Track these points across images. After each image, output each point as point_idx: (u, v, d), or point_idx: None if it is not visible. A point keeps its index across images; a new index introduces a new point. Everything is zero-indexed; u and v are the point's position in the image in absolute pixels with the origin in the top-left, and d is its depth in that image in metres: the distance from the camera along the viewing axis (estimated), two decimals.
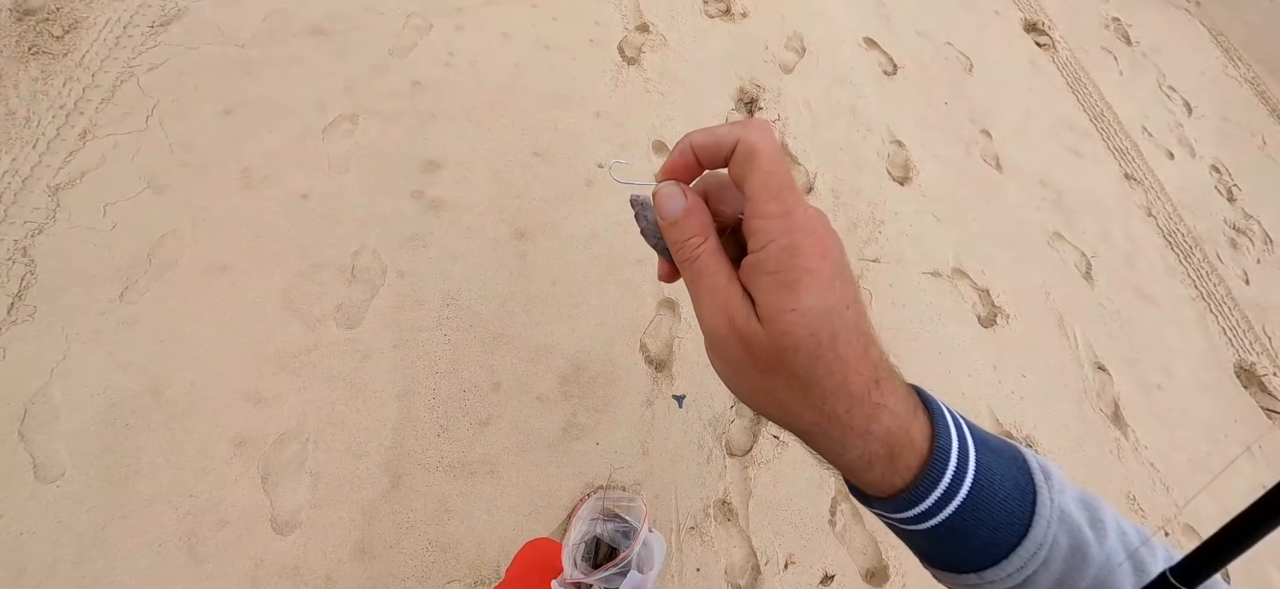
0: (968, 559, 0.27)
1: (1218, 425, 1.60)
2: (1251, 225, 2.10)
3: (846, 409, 0.25)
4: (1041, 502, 0.27)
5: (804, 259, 0.24)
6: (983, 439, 0.28)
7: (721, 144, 0.26)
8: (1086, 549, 0.27)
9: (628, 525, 0.91)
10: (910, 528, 0.28)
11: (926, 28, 2.18)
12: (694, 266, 0.27)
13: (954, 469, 0.26)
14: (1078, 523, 0.27)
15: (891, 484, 0.27)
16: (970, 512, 0.26)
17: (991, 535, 0.27)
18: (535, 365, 1.21)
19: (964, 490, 0.26)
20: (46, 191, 1.17)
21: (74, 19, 1.39)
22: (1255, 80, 2.64)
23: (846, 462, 0.27)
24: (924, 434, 0.27)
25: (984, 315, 1.57)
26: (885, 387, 0.26)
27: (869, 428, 0.26)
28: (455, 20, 1.62)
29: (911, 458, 0.27)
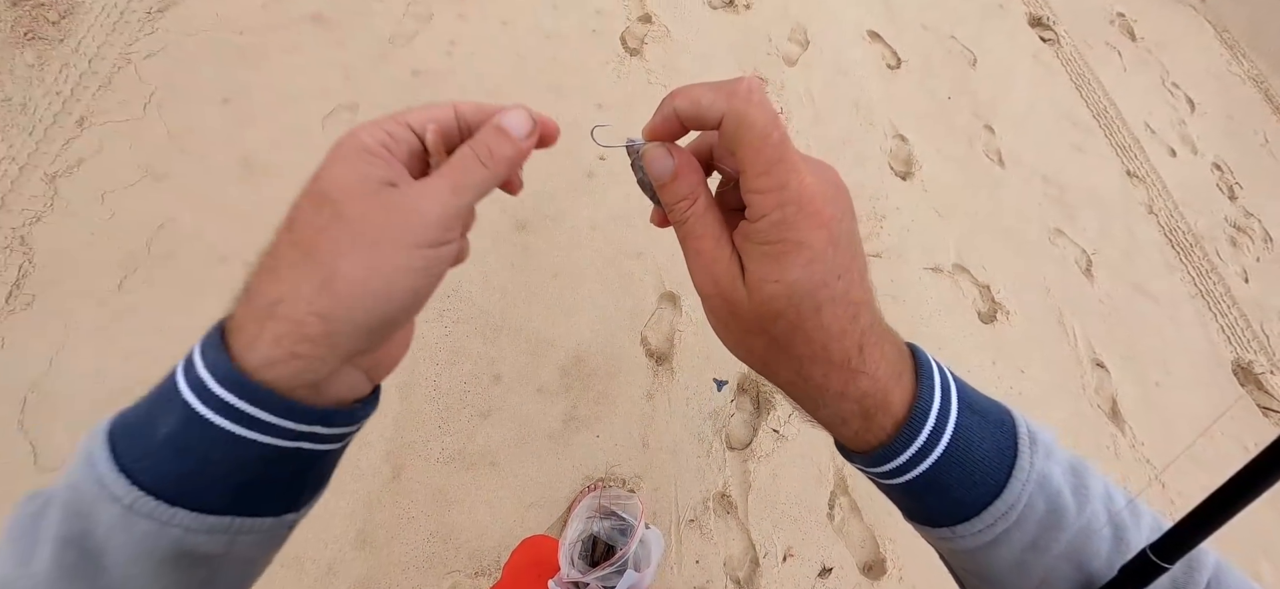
0: (941, 514, 0.28)
1: (1216, 423, 1.61)
2: (1252, 224, 2.10)
3: (823, 374, 0.26)
4: (1019, 465, 0.27)
5: (794, 232, 0.24)
6: (970, 402, 0.28)
7: (705, 112, 0.26)
8: (1063, 514, 0.27)
9: (625, 523, 0.91)
10: (885, 482, 0.28)
11: (931, 21, 2.17)
12: (683, 228, 0.27)
13: (929, 431, 0.27)
14: (1058, 488, 0.28)
15: (865, 442, 0.27)
16: (943, 471, 0.27)
17: (964, 494, 0.27)
18: (536, 358, 1.21)
19: (938, 451, 0.27)
20: (44, 179, 1.16)
21: (70, 4, 1.37)
22: (1259, 78, 2.63)
23: (822, 417, 0.28)
24: (905, 398, 0.27)
25: (984, 311, 1.57)
26: (869, 354, 0.26)
27: (845, 391, 0.26)
28: (457, 8, 1.61)
29: (886, 420, 0.27)
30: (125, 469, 0.22)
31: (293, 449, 0.24)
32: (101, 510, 0.22)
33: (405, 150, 0.26)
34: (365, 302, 0.23)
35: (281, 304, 0.23)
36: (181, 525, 0.22)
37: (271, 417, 0.22)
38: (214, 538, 0.23)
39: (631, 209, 1.42)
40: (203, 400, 0.22)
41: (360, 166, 0.24)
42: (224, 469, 0.23)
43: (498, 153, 0.26)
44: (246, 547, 0.24)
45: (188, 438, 0.22)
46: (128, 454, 0.22)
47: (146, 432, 0.23)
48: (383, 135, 0.25)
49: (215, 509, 0.23)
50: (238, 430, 0.22)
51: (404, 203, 0.24)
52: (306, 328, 0.22)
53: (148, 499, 0.22)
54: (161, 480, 0.22)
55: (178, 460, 0.22)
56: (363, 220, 0.23)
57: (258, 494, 0.24)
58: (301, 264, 0.23)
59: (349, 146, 0.24)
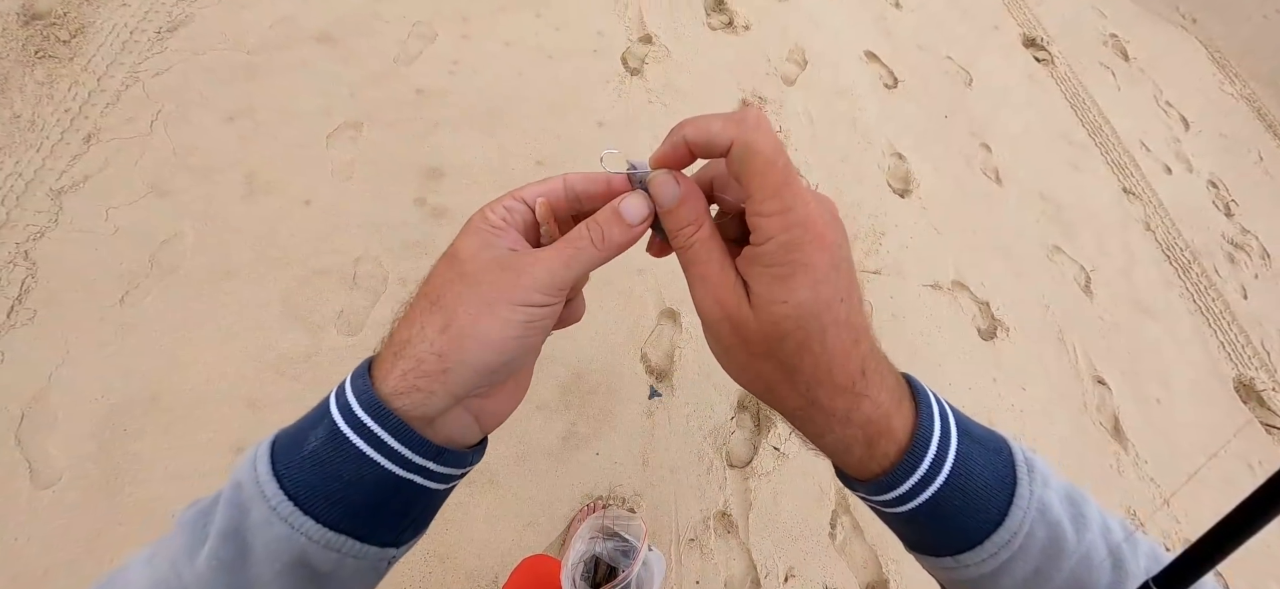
0: (944, 543, 0.28)
1: (1218, 441, 1.60)
2: (1249, 240, 2.12)
3: (829, 397, 0.27)
4: (1019, 493, 0.28)
5: (799, 254, 0.25)
6: (967, 429, 0.29)
7: (715, 140, 0.27)
8: (1063, 542, 0.27)
9: (627, 544, 0.90)
10: (888, 511, 0.29)
11: (927, 42, 2.20)
12: (688, 254, 0.28)
13: (932, 458, 0.27)
14: (1058, 517, 0.28)
15: (868, 469, 0.28)
16: (946, 499, 0.27)
17: (967, 522, 0.27)
18: (536, 374, 1.20)
19: (940, 478, 0.27)
20: (49, 195, 1.17)
21: (81, 23, 1.40)
22: (1252, 97, 2.66)
23: (826, 444, 0.28)
24: (906, 425, 0.28)
25: (984, 328, 1.58)
26: (871, 378, 0.27)
27: (850, 416, 0.27)
28: (460, 29, 1.63)
29: (889, 446, 0.28)
30: (278, 475, 0.25)
31: (406, 480, 0.27)
32: (254, 507, 0.25)
33: (522, 221, 0.29)
34: (475, 346, 0.26)
35: (409, 344, 0.27)
36: (306, 534, 0.25)
37: (394, 441, 0.26)
38: (328, 554, 0.26)
39: None
40: (346, 420, 0.26)
41: (485, 236, 0.28)
42: (349, 485, 0.25)
43: (610, 238, 0.28)
44: (350, 573, 0.27)
45: (329, 453, 0.25)
46: (282, 461, 0.26)
47: (299, 444, 0.26)
48: (503, 210, 0.29)
49: (333, 525, 0.25)
50: (366, 450, 0.25)
51: (517, 266, 0.27)
52: (426, 364, 0.26)
53: (287, 503, 0.25)
54: (301, 488, 0.25)
55: (315, 472, 0.25)
56: (479, 278, 0.27)
57: (370, 519, 0.27)
58: (429, 311, 0.27)
59: (477, 221, 0.29)
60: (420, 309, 0.27)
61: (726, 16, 1.96)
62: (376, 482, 0.26)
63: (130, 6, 1.44)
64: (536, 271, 0.27)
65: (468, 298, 0.26)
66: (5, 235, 1.12)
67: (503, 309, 0.26)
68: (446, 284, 0.27)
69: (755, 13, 1.99)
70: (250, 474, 0.26)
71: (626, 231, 0.28)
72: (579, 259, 0.28)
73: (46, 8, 1.40)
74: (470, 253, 0.27)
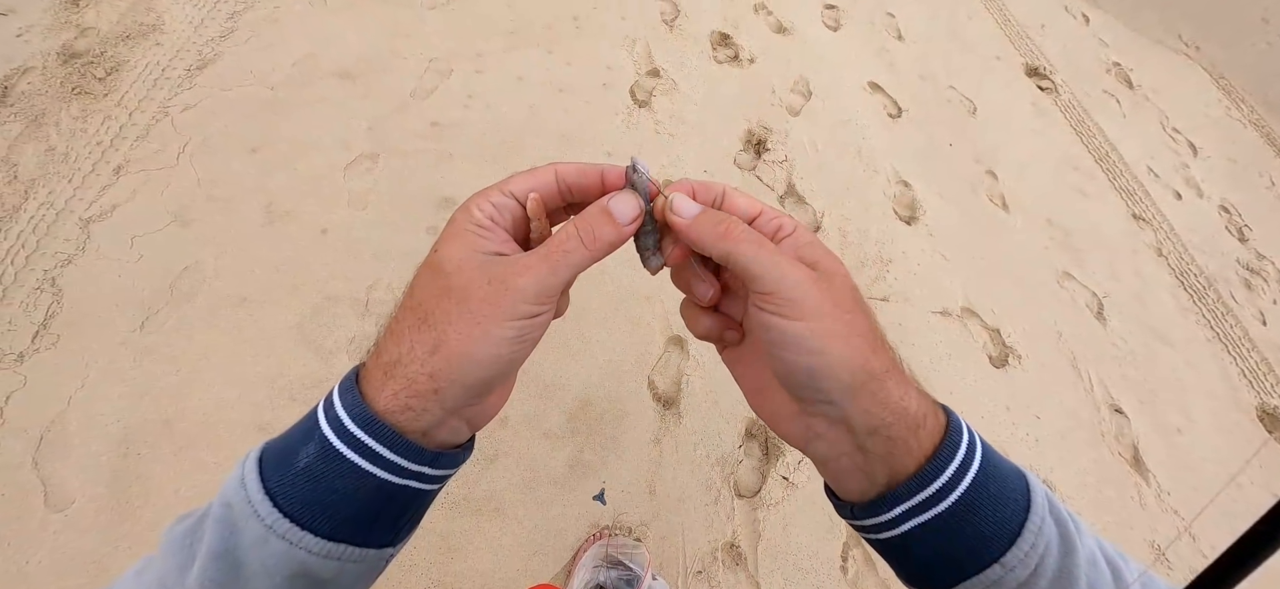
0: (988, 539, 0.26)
1: (1243, 473, 1.55)
2: (1265, 266, 2.08)
3: (897, 357, 0.28)
4: (1031, 478, 0.28)
5: (819, 240, 0.30)
6: None
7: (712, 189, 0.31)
8: (1073, 538, 0.27)
9: (632, 573, 0.89)
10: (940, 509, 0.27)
11: (929, 73, 2.24)
12: (742, 246, 0.28)
13: (966, 427, 0.28)
14: (1062, 512, 0.28)
15: (934, 439, 0.27)
16: (987, 476, 0.27)
17: (1006, 512, 0.26)
18: (543, 401, 1.21)
19: (979, 448, 0.27)
20: (78, 224, 1.22)
21: (116, 62, 1.47)
22: (1259, 122, 2.66)
23: (909, 414, 0.27)
24: (937, 408, 0.29)
25: (995, 355, 1.56)
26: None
27: (912, 378, 0.28)
28: (475, 64, 1.70)
29: (939, 413, 0.28)
30: (270, 492, 0.25)
31: (402, 486, 0.26)
32: (248, 527, 0.25)
33: (509, 218, 0.29)
34: (467, 365, 0.26)
35: (399, 364, 0.26)
36: (306, 548, 0.25)
37: (391, 453, 0.26)
38: (328, 563, 0.25)
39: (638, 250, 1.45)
40: (338, 435, 0.25)
41: (470, 240, 0.27)
42: (345, 498, 0.25)
43: (600, 237, 0.28)
44: (351, 576, 0.27)
45: (323, 468, 0.25)
46: (272, 478, 0.25)
47: (289, 459, 0.26)
48: (489, 208, 0.28)
49: (333, 536, 0.25)
50: (362, 463, 0.25)
51: (504, 277, 0.26)
52: (418, 385, 0.26)
53: (284, 521, 0.25)
54: (295, 504, 0.25)
55: (310, 488, 0.25)
56: (467, 293, 0.26)
57: (368, 525, 0.26)
58: (418, 329, 0.26)
59: (461, 222, 0.28)
60: (408, 324, 0.27)
61: (732, 50, 2.01)
62: (373, 492, 0.25)
63: (163, 46, 1.52)
64: (524, 283, 0.26)
65: (457, 317, 0.26)
66: (34, 262, 1.16)
67: (494, 327, 0.26)
68: (434, 301, 0.26)
69: (760, 46, 2.05)
70: (239, 493, 0.25)
71: (616, 231, 0.28)
72: (567, 263, 0.27)
73: (85, 47, 1.48)
74: (456, 263, 0.27)
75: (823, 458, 0.30)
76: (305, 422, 0.27)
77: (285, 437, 0.27)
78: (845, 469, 0.29)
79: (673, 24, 2.00)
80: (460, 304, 0.26)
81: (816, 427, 0.29)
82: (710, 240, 0.28)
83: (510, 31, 1.80)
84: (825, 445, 0.29)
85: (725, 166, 1.70)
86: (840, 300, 0.27)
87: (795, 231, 0.29)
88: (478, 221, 0.28)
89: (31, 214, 1.21)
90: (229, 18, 1.61)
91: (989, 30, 2.55)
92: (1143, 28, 2.89)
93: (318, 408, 0.27)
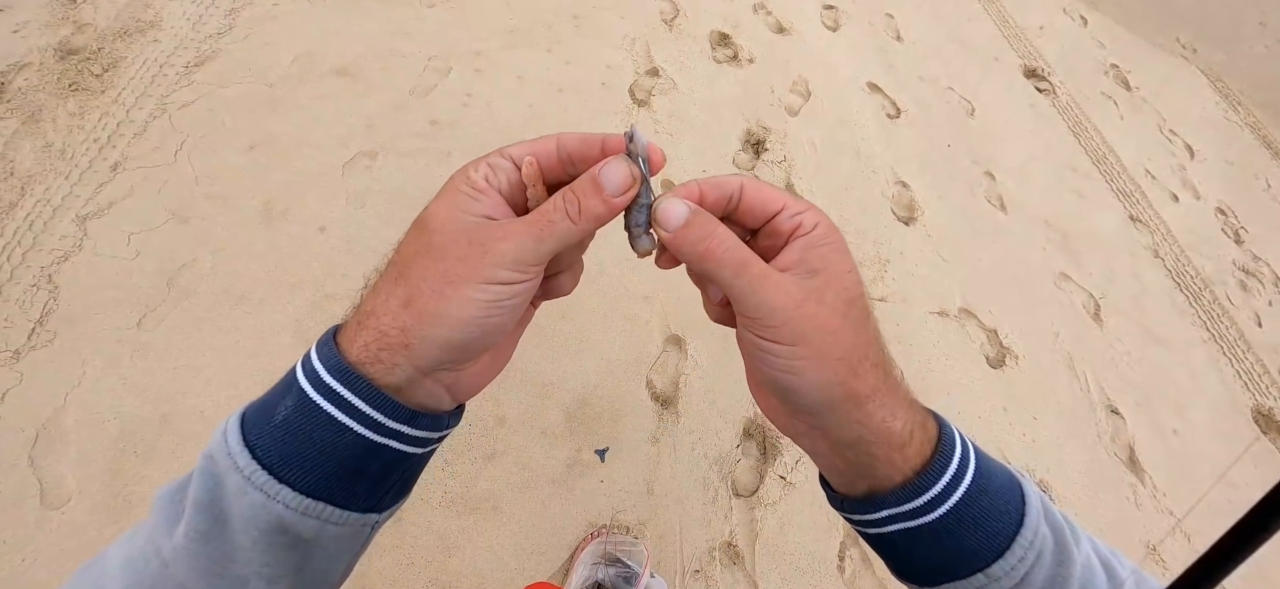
0: (976, 551, 0.27)
1: (1238, 472, 1.56)
2: (1261, 267, 2.09)
3: (891, 372, 0.27)
4: (1027, 490, 0.28)
5: (839, 236, 0.28)
6: None
7: (724, 186, 0.29)
8: (1069, 546, 0.27)
9: (629, 570, 0.89)
10: (926, 520, 0.27)
11: (928, 73, 2.25)
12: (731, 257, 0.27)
13: (960, 443, 0.28)
14: (1059, 520, 0.28)
15: (921, 456, 0.27)
16: (974, 498, 0.27)
17: (993, 524, 0.27)
18: (541, 400, 1.21)
19: (971, 465, 0.27)
20: (75, 221, 1.21)
21: (114, 58, 1.47)
22: (1256, 125, 2.67)
23: (893, 434, 0.27)
24: (928, 416, 0.29)
25: (992, 356, 1.56)
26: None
27: (904, 395, 0.27)
28: (474, 63, 1.69)
29: (932, 428, 0.28)
30: (249, 444, 0.25)
31: (381, 445, 0.26)
32: (229, 478, 0.25)
33: (506, 182, 0.28)
34: (437, 324, 0.25)
35: (373, 315, 0.26)
36: (282, 501, 0.24)
37: (366, 406, 0.25)
38: (307, 521, 0.25)
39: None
40: (314, 386, 0.25)
41: (460, 200, 0.26)
42: (323, 451, 0.25)
43: (588, 210, 0.27)
44: (332, 539, 0.26)
45: (299, 420, 0.25)
46: (253, 431, 0.25)
47: (268, 413, 0.26)
48: (486, 169, 0.27)
49: (311, 492, 0.25)
50: (338, 415, 0.25)
51: (485, 240, 0.26)
52: (390, 337, 0.25)
53: (261, 472, 0.24)
54: (273, 457, 0.25)
55: (288, 440, 0.25)
56: (444, 251, 0.25)
57: (348, 485, 0.26)
58: (395, 282, 0.26)
59: (458, 180, 0.27)
60: (388, 278, 0.26)
61: (731, 50, 2.01)
62: (351, 447, 0.25)
63: (161, 43, 1.52)
64: (504, 247, 0.25)
65: (431, 273, 0.25)
66: (31, 259, 1.16)
67: (466, 288, 0.25)
68: (413, 256, 0.26)
69: (759, 46, 2.05)
70: (221, 446, 0.25)
71: (605, 204, 0.27)
72: (553, 233, 0.26)
73: (82, 44, 1.47)
74: (440, 221, 0.26)
75: (808, 452, 0.30)
76: (286, 377, 0.26)
77: (268, 394, 0.27)
78: (828, 467, 0.30)
79: (672, 23, 2.00)
80: (437, 261, 0.25)
81: (800, 425, 0.29)
82: (692, 258, 0.27)
83: (509, 30, 1.80)
84: (808, 442, 0.30)
85: (724, 166, 1.70)
86: (824, 322, 0.26)
87: (814, 230, 0.28)
88: (472, 183, 0.27)
89: (28, 211, 1.21)
90: (227, 14, 1.60)
91: (988, 32, 2.55)
92: (1141, 30, 2.90)
93: (297, 363, 0.26)
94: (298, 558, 0.26)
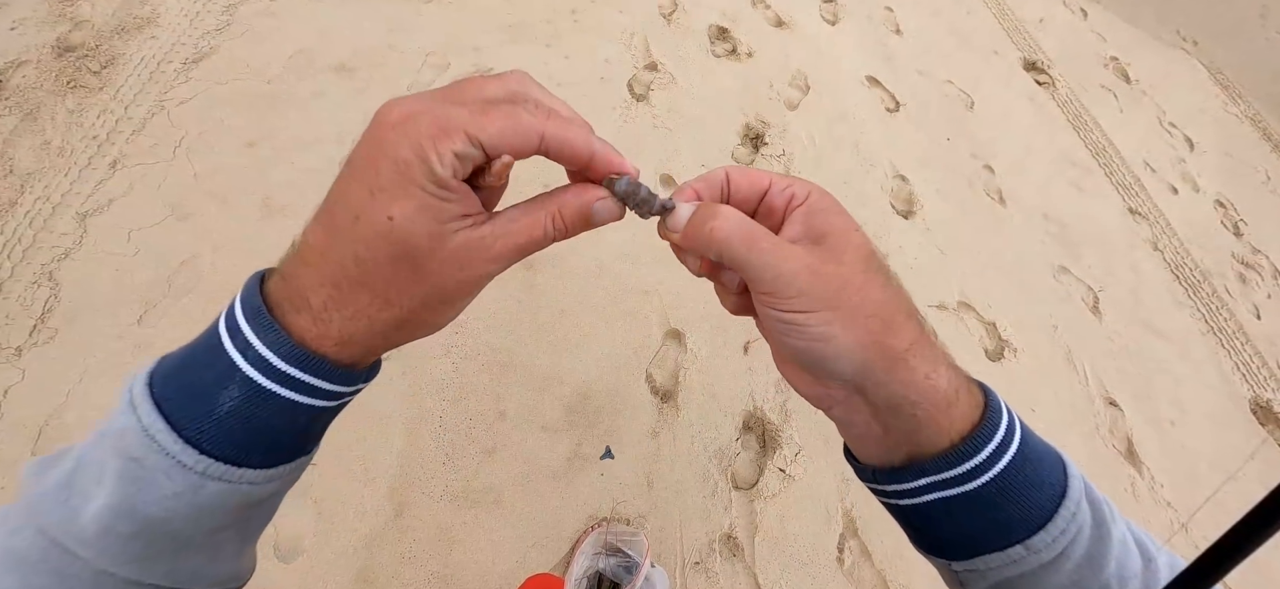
0: (1007, 526, 0.26)
1: (1236, 463, 1.56)
2: (1259, 260, 2.10)
3: (926, 324, 0.27)
4: (1069, 465, 0.27)
5: (834, 199, 0.28)
6: None
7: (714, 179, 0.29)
8: (1107, 523, 0.27)
9: (630, 560, 0.90)
10: (968, 488, 0.26)
11: (927, 67, 2.24)
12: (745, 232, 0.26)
13: (1006, 411, 0.27)
14: (1098, 497, 0.27)
15: (969, 420, 0.26)
16: (1017, 468, 0.26)
17: (1035, 495, 0.26)
18: (541, 394, 1.21)
19: (1017, 434, 0.26)
20: (75, 218, 1.22)
21: (112, 55, 1.47)
22: (1256, 117, 2.67)
23: (938, 392, 0.26)
24: (972, 382, 0.28)
25: (991, 349, 1.57)
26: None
27: (944, 352, 0.27)
28: (472, 59, 1.69)
29: (976, 392, 0.27)
30: (190, 440, 0.24)
31: (335, 407, 0.27)
32: (172, 477, 0.23)
33: (470, 167, 0.25)
34: (424, 331, 0.27)
35: (351, 333, 0.25)
36: (248, 481, 0.25)
37: (328, 384, 0.25)
38: (269, 486, 0.26)
39: (639, 247, 1.45)
40: (268, 376, 0.24)
41: (433, 207, 0.24)
42: (280, 431, 0.25)
43: (572, 229, 0.28)
44: (286, 485, 0.28)
45: (252, 409, 0.24)
46: (190, 426, 0.24)
47: (206, 403, 0.24)
48: (453, 162, 0.24)
49: (270, 464, 0.26)
50: (300, 399, 0.25)
51: (476, 260, 0.25)
52: (374, 345, 0.26)
53: (219, 465, 0.24)
54: (228, 447, 0.24)
55: (243, 429, 0.24)
56: (438, 278, 0.25)
57: (300, 444, 0.27)
58: (378, 306, 0.25)
59: (420, 175, 0.23)
60: (359, 295, 0.24)
61: (729, 44, 2.01)
62: (310, 417, 0.26)
63: (159, 39, 1.51)
64: (494, 269, 0.26)
65: (426, 297, 0.25)
66: (31, 256, 1.16)
67: (459, 302, 0.26)
68: (394, 279, 0.24)
69: (758, 40, 2.04)
70: (144, 443, 0.23)
71: (588, 226, 0.28)
72: (537, 246, 0.27)
73: (79, 40, 1.47)
74: (422, 243, 0.24)
75: (841, 422, 0.29)
76: (211, 361, 0.24)
77: (183, 374, 0.25)
78: (863, 436, 0.28)
79: (671, 17, 1.99)
80: (432, 286, 0.25)
81: (835, 394, 0.28)
82: (703, 244, 0.27)
83: (508, 25, 1.79)
84: (842, 412, 0.28)
85: (723, 161, 1.70)
86: (848, 280, 0.25)
87: (807, 198, 0.28)
88: (438, 181, 0.24)
89: (28, 208, 1.21)
90: (225, 11, 1.60)
91: (987, 25, 2.55)
92: (1140, 23, 2.89)
93: (225, 348, 0.24)
94: (247, 513, 0.27)
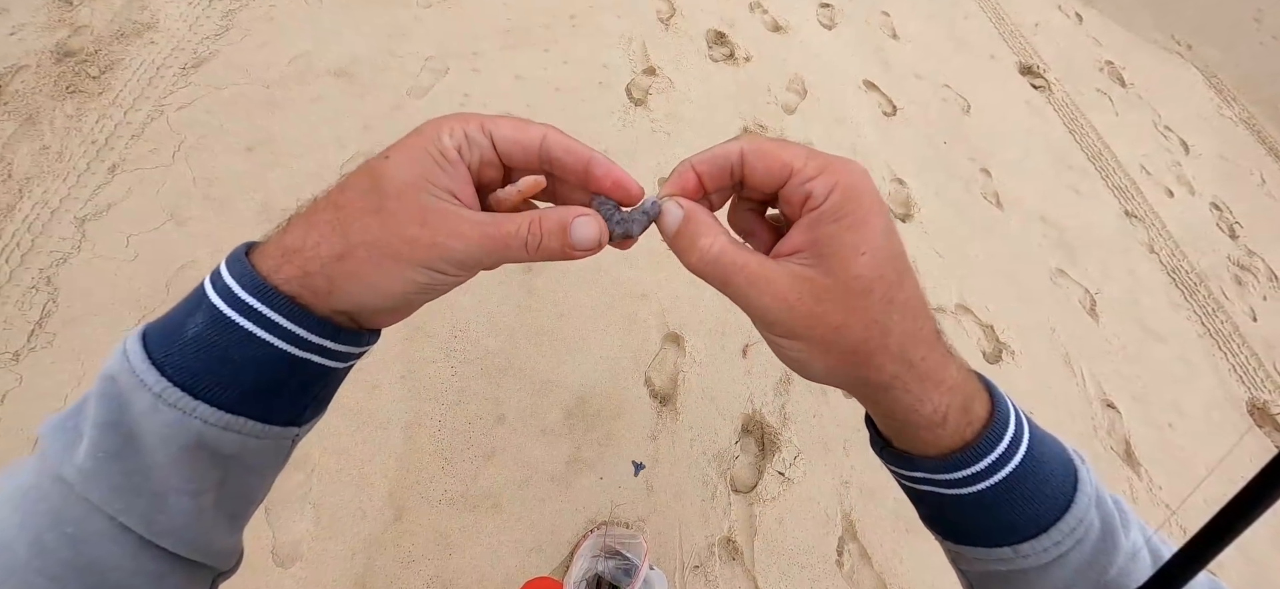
0: (1005, 530, 0.26)
1: (1233, 465, 1.57)
2: (1255, 262, 2.11)
3: (923, 357, 0.25)
4: (1083, 478, 0.27)
5: (865, 199, 0.25)
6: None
7: (724, 156, 0.27)
8: (1116, 535, 0.26)
9: (629, 563, 0.90)
10: (961, 492, 0.26)
11: (924, 71, 2.25)
12: (723, 261, 0.26)
13: (1013, 428, 0.26)
14: (1110, 510, 0.27)
15: (961, 437, 0.26)
16: (1020, 480, 0.26)
17: (1036, 507, 0.26)
18: (540, 398, 1.21)
19: (1020, 452, 0.26)
20: (73, 223, 1.22)
21: (111, 60, 1.47)
22: (1251, 120, 2.68)
23: (921, 417, 0.25)
24: (981, 386, 0.27)
25: (989, 351, 1.57)
26: (944, 338, 0.26)
27: (943, 377, 0.25)
28: (471, 63, 1.70)
29: (980, 408, 0.26)
30: (156, 363, 0.24)
31: (302, 359, 0.25)
32: (136, 398, 0.24)
33: (478, 157, 0.26)
34: (365, 290, 0.25)
35: (300, 253, 0.25)
36: (201, 418, 0.24)
37: (287, 322, 0.25)
38: (228, 435, 0.25)
39: (636, 251, 1.45)
40: (228, 303, 0.24)
41: (426, 167, 0.25)
42: (241, 368, 0.24)
43: (546, 248, 0.26)
44: (254, 453, 0.26)
45: (213, 337, 0.24)
46: (159, 350, 0.25)
47: (176, 332, 0.25)
48: (462, 138, 0.26)
49: (230, 407, 0.24)
50: (256, 331, 0.24)
51: (438, 226, 0.25)
52: (313, 281, 0.25)
53: (174, 390, 0.24)
54: (186, 374, 0.24)
55: (202, 357, 0.24)
56: (395, 218, 0.24)
57: (268, 400, 0.26)
58: (332, 229, 0.25)
59: (427, 137, 0.25)
60: (324, 220, 0.25)
61: (727, 49, 2.02)
62: (270, 362, 0.24)
63: (158, 45, 1.52)
64: (453, 245, 0.25)
65: (375, 240, 0.24)
66: (30, 261, 1.16)
67: (406, 268, 0.24)
68: (359, 210, 0.25)
69: (755, 45, 2.05)
70: (123, 366, 0.24)
71: (564, 252, 0.26)
72: (505, 253, 0.26)
73: (79, 46, 1.47)
74: (398, 183, 0.24)
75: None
76: (191, 297, 0.25)
77: (168, 316, 0.26)
78: (871, 411, 0.29)
79: (669, 22, 2.00)
80: (383, 227, 0.24)
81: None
82: (686, 265, 0.27)
83: (507, 30, 1.80)
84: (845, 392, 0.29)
85: None
86: (825, 318, 0.24)
87: (824, 203, 0.25)
88: (442, 149, 0.25)
89: (26, 213, 1.21)
90: (224, 16, 1.61)
91: (984, 29, 2.56)
92: (1136, 27, 2.91)
93: (204, 281, 0.25)
94: (219, 473, 0.26)
